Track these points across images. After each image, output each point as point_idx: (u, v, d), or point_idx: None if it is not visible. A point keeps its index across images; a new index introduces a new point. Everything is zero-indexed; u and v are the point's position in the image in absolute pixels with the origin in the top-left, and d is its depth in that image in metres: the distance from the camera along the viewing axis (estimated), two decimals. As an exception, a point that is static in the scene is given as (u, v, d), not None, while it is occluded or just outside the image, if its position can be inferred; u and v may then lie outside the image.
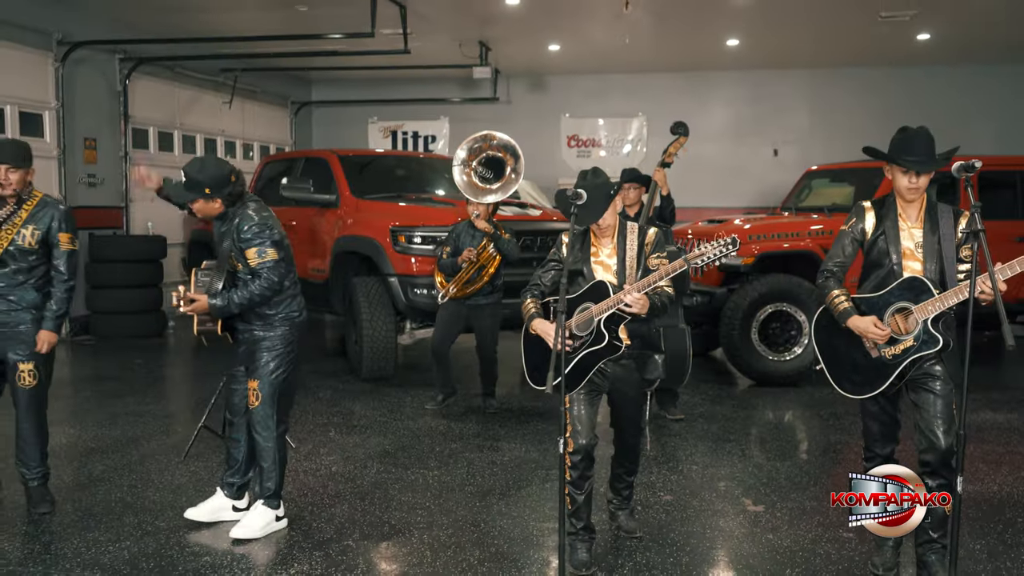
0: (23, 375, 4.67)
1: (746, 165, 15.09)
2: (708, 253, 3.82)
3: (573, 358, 4.06)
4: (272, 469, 4.51)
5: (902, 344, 3.77)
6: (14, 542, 4.40)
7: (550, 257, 4.28)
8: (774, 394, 7.73)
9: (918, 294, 3.74)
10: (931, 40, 12.60)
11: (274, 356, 4.46)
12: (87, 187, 11.08)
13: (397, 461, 5.77)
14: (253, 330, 4.49)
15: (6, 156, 4.58)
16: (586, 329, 4.04)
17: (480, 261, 6.92)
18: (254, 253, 4.31)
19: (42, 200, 4.72)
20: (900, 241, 3.86)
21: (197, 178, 4.31)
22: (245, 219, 4.36)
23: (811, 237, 8.40)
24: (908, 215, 3.88)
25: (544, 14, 11.35)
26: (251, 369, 4.49)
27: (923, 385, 3.78)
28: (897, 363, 3.78)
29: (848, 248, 4.02)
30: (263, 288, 4.32)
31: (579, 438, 4.06)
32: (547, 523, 4.64)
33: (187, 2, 10.57)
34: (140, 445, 6.14)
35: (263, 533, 4.47)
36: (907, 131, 3.87)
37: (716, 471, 5.61)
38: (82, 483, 5.30)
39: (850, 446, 6.18)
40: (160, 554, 4.23)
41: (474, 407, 7.22)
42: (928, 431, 3.72)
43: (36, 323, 4.68)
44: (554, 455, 5.93)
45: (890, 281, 3.84)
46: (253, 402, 4.46)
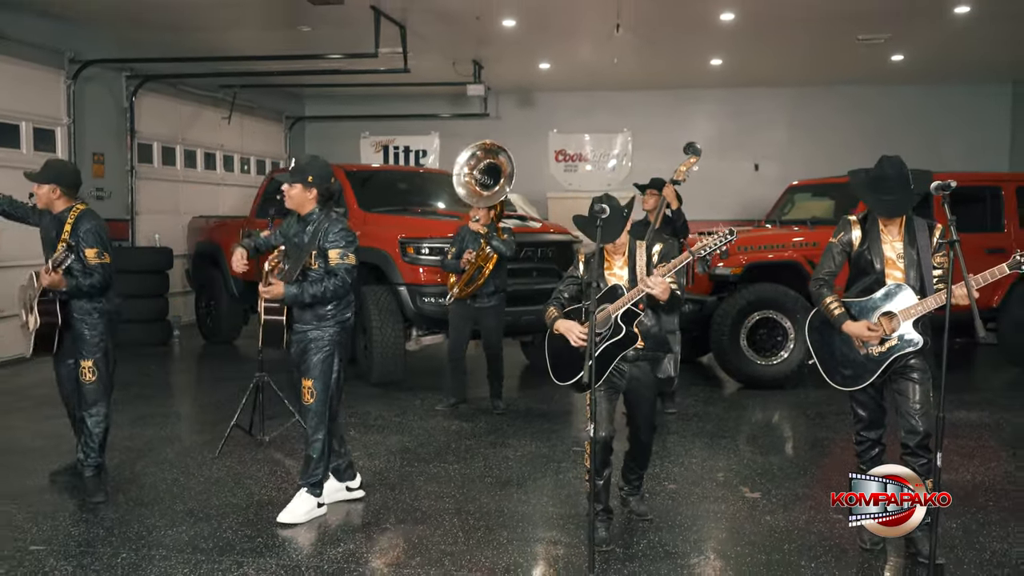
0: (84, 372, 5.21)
1: (728, 179, 15.63)
2: (710, 244, 4.31)
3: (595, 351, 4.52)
4: (320, 461, 4.93)
5: (888, 343, 4.28)
6: (79, 527, 4.79)
7: (569, 274, 4.74)
8: (762, 396, 8.21)
9: (903, 299, 4.25)
10: (904, 61, 13.23)
11: (326, 355, 4.88)
12: (95, 200, 11.42)
13: (418, 456, 6.20)
14: (308, 331, 4.89)
15: None
16: (605, 325, 4.50)
17: (477, 261, 7.38)
18: (337, 255, 4.78)
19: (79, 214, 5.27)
20: (883, 252, 4.37)
21: (305, 168, 4.83)
22: (335, 224, 4.84)
23: (795, 248, 8.88)
24: (889, 229, 4.40)
25: (538, 35, 11.85)
26: (304, 369, 4.90)
27: (904, 376, 4.30)
28: (883, 359, 4.30)
29: (837, 258, 4.54)
30: (337, 286, 4.77)
31: (598, 430, 4.51)
32: (564, 508, 5.09)
33: (193, 22, 10.97)
34: (173, 443, 6.53)
35: (306, 518, 4.89)
36: (883, 166, 4.35)
37: (714, 463, 6.09)
38: (128, 477, 5.69)
39: (835, 441, 6.69)
40: (216, 536, 4.64)
41: (482, 408, 7.65)
42: (909, 417, 4.24)
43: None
44: (563, 451, 6.41)
45: (876, 288, 4.35)
46: (308, 399, 4.88)
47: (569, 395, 8.40)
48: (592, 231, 4.36)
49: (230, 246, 10.75)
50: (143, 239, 12.27)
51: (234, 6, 10.23)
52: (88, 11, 10.40)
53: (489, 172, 7.70)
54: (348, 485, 5.24)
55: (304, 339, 4.92)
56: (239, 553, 4.43)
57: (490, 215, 7.47)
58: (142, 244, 12.17)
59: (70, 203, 5.28)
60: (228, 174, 14.76)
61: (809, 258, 8.76)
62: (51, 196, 5.26)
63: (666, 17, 10.76)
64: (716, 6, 10.32)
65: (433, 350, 10.17)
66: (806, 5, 10.10)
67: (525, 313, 8.59)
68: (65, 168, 5.41)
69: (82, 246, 5.11)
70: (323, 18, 10.48)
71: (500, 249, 7.34)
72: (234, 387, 8.47)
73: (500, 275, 7.52)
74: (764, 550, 4.48)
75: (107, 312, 5.33)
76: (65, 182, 5.27)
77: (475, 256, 7.34)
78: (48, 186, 5.25)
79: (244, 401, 6.42)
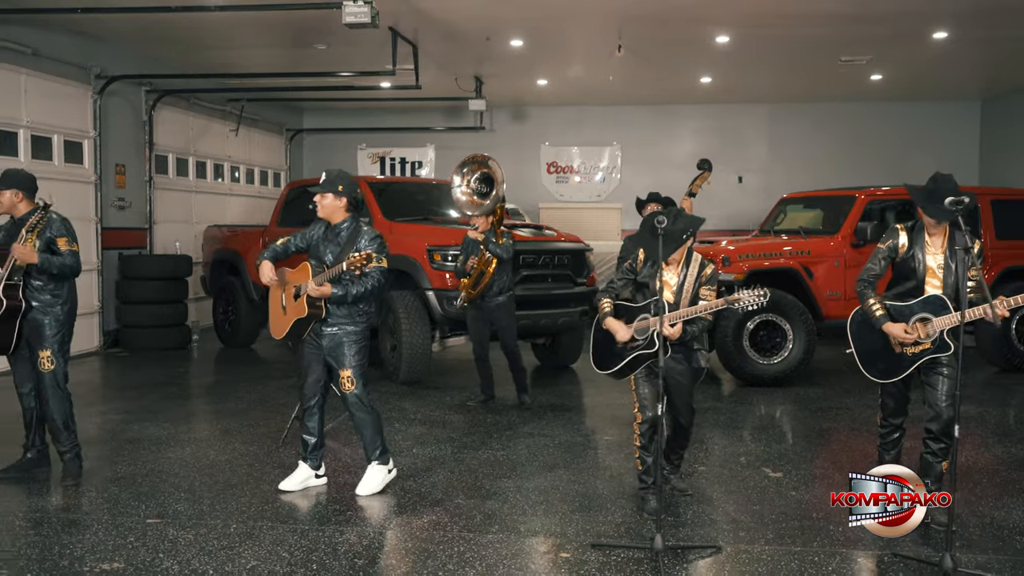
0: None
1: (712, 191, 16.05)
2: (745, 300, 4.89)
3: (629, 355, 5.17)
4: (375, 435, 5.58)
5: (921, 346, 4.89)
6: (181, 503, 5.33)
7: (626, 267, 5.34)
8: (764, 393, 8.87)
9: (937, 309, 4.85)
10: (882, 80, 14.05)
11: (360, 348, 5.50)
12: (117, 210, 11.90)
13: (465, 444, 6.78)
14: (342, 326, 5.46)
15: None
16: (643, 334, 5.11)
17: (480, 266, 7.98)
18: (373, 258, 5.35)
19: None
20: (926, 262, 4.94)
21: (335, 179, 5.45)
22: (368, 232, 5.46)
23: (791, 256, 9.56)
24: (933, 242, 4.96)
25: (541, 53, 12.50)
26: (340, 361, 5.47)
27: (934, 371, 4.92)
28: (915, 359, 4.93)
29: (883, 262, 5.12)
30: (373, 287, 5.38)
31: (646, 411, 5.14)
32: (612, 486, 5.71)
33: (212, 40, 11.50)
34: (233, 436, 7.06)
35: (381, 487, 5.54)
36: (936, 181, 4.90)
37: (735, 449, 6.74)
38: (207, 464, 6.22)
39: (839, 431, 7.37)
40: (311, 509, 5.21)
41: (510, 404, 8.23)
42: (935, 405, 4.89)
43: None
44: (596, 440, 7.03)
45: (916, 294, 4.94)
46: (349, 387, 5.48)
47: (589, 392, 9.04)
48: (652, 244, 4.97)
49: (249, 253, 11.39)
50: (160, 247, 12.72)
51: (255, 25, 10.76)
52: (114, 29, 10.90)
53: (484, 181, 8.30)
54: (316, 473, 5.77)
55: (338, 334, 5.46)
56: (336, 523, 4.99)
57: (489, 222, 8.03)
58: (159, 252, 12.62)
59: (32, 206, 5.70)
60: (235, 184, 15.26)
61: (805, 265, 9.48)
62: (14, 200, 5.65)
63: (665, 38, 11.46)
64: (713, 28, 11.02)
65: (452, 352, 10.76)
66: (796, 28, 10.83)
67: (542, 317, 9.23)
68: (23, 174, 5.79)
69: (54, 235, 5.59)
70: (339, 38, 11.04)
71: (497, 253, 7.93)
72: (271, 386, 9.03)
73: (503, 276, 8.07)
74: (796, 517, 5.12)
75: (68, 302, 5.74)
76: (26, 186, 5.69)
77: (477, 261, 7.94)
78: (10, 191, 5.65)
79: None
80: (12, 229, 5.73)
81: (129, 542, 4.69)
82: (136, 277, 11.61)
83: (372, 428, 5.57)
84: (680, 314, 5.00)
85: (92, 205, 11.33)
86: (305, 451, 5.68)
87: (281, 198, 11.64)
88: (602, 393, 8.83)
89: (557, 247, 9.56)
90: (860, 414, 7.87)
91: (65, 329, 5.77)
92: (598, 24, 10.82)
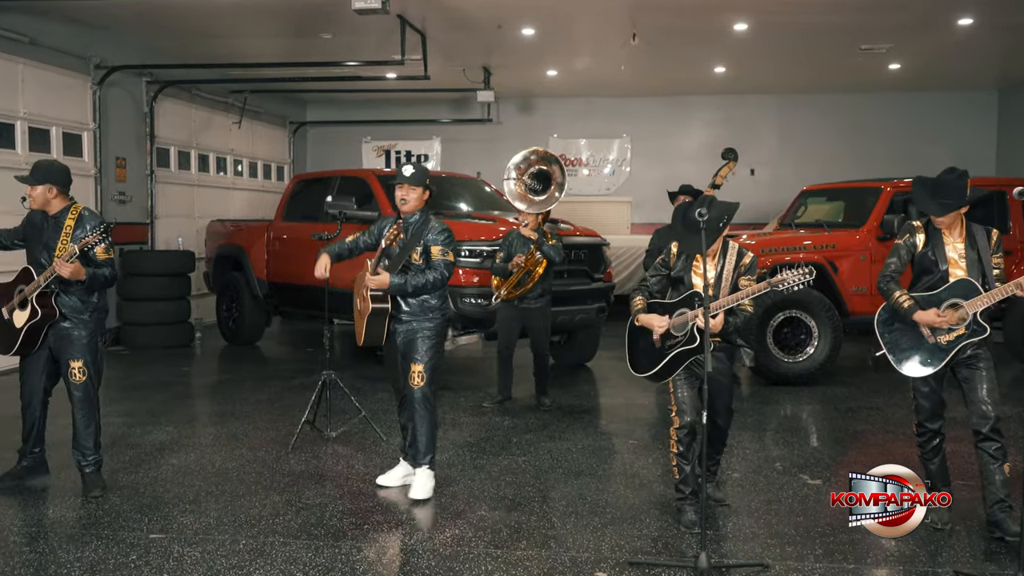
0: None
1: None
2: (790, 279, 4.59)
3: (669, 353, 4.84)
4: (433, 438, 5.36)
5: (955, 332, 4.62)
6: (187, 516, 5.00)
7: (659, 262, 5.03)
8: (790, 392, 8.54)
9: (967, 292, 4.60)
10: (900, 69, 13.69)
11: (433, 344, 5.31)
12: (118, 204, 11.56)
13: (483, 450, 6.45)
14: (415, 321, 5.31)
15: None
16: (682, 330, 4.80)
17: (527, 266, 7.65)
18: (439, 251, 5.22)
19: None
20: (946, 253, 4.74)
21: (424, 173, 5.34)
22: (438, 224, 5.32)
23: (815, 251, 9.24)
24: (951, 233, 4.76)
25: (552, 43, 12.16)
26: (412, 355, 5.29)
27: (971, 366, 4.67)
28: (950, 348, 4.65)
29: (904, 257, 4.89)
30: (436, 279, 5.21)
31: (685, 416, 4.83)
32: (642, 495, 5.39)
33: (213, 29, 11.14)
34: (241, 440, 6.73)
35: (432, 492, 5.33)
36: (940, 176, 4.74)
37: (768, 453, 6.41)
38: (214, 471, 5.89)
39: (874, 433, 7.05)
40: (324, 523, 4.87)
41: (528, 406, 7.91)
42: (979, 404, 4.61)
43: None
44: (620, 443, 6.72)
45: (940, 284, 4.70)
46: (418, 383, 5.28)
47: (607, 391, 8.72)
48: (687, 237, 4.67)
49: (253, 249, 11.06)
50: (161, 243, 12.40)
51: (258, 13, 10.43)
52: (114, 17, 10.54)
53: (539, 178, 7.98)
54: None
55: (411, 329, 5.31)
56: (353, 539, 4.67)
57: (538, 220, 7.74)
58: (160, 247, 12.30)
59: (66, 202, 5.32)
60: (238, 178, 14.92)
61: (830, 259, 9.16)
62: (47, 196, 5.25)
63: (681, 27, 11.09)
64: (731, 15, 10.67)
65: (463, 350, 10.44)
66: (817, 15, 10.48)
67: (559, 313, 8.88)
68: (57, 167, 5.38)
69: (92, 243, 5.11)
70: (345, 26, 10.72)
71: (550, 255, 7.62)
72: (277, 387, 8.71)
73: (547, 278, 7.79)
74: (844, 530, 4.78)
75: (99, 310, 5.42)
76: (60, 180, 5.28)
77: (524, 260, 7.61)
78: (43, 186, 5.24)
79: (313, 398, 6.64)
80: (44, 225, 5.31)
81: (131, 560, 4.37)
82: (137, 273, 11.28)
83: (432, 429, 5.38)
84: (720, 303, 4.70)
85: (92, 199, 10.98)
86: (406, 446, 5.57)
87: (287, 191, 11.31)
88: (621, 393, 8.51)
89: (573, 241, 9.20)
90: (892, 414, 7.56)
91: (96, 336, 5.42)
92: (611, 12, 10.47)
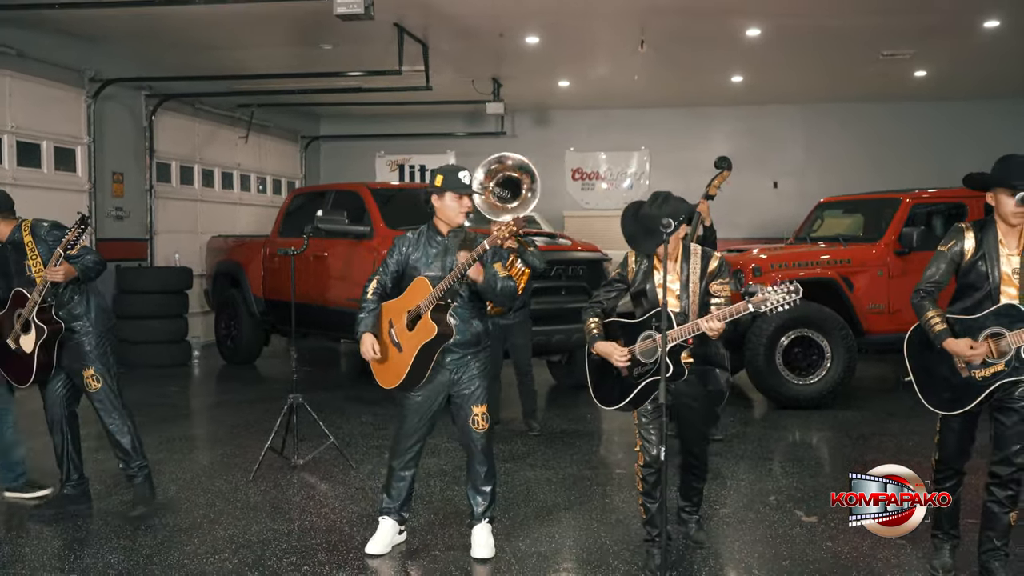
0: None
1: (746, 197, 15.46)
2: (773, 300, 3.99)
3: (639, 383, 4.31)
4: (496, 491, 4.70)
5: (993, 367, 3.89)
6: (116, 554, 4.63)
7: (614, 277, 4.55)
8: (799, 416, 8.03)
9: (1013, 321, 3.86)
10: (926, 77, 13.12)
11: (487, 381, 4.63)
12: (114, 220, 11.33)
13: (456, 480, 6.01)
14: (468, 354, 4.58)
15: None
16: (650, 357, 4.26)
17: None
18: (499, 266, 4.61)
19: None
20: (999, 266, 3.97)
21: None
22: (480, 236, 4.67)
23: (829, 266, 8.72)
24: (1008, 242, 3.99)
25: (559, 52, 11.77)
26: (472, 396, 4.57)
27: (1008, 405, 3.94)
28: (986, 385, 3.91)
29: (944, 269, 4.11)
30: (513, 285, 4.65)
31: (649, 452, 4.34)
32: (616, 533, 4.92)
33: (212, 40, 10.90)
34: (204, 467, 6.37)
35: None
36: (1013, 157, 4.02)
37: (763, 486, 5.92)
38: (162, 503, 5.51)
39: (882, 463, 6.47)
40: (261, 564, 4.47)
41: (516, 430, 7.48)
42: (1007, 446, 3.94)
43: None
44: (605, 474, 6.26)
45: (986, 305, 3.96)
46: (483, 426, 4.58)
47: (604, 415, 8.25)
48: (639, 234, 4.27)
49: (251, 265, 10.74)
50: (161, 259, 12.15)
51: (256, 24, 10.16)
52: (108, 28, 10.33)
53: (507, 185, 7.53)
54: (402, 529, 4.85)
55: (466, 363, 4.58)
56: (287, 582, 4.27)
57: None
58: (160, 264, 12.04)
59: (14, 222, 5.31)
60: (245, 193, 14.68)
61: (844, 275, 8.64)
62: None
63: (691, 32, 10.66)
64: (743, 20, 10.24)
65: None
66: (833, 18, 10.00)
67: (556, 332, 8.47)
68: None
69: (58, 239, 5.06)
70: (345, 36, 10.42)
71: (534, 263, 7.18)
72: (260, 409, 8.34)
73: (526, 290, 7.36)
74: (831, 573, 4.31)
75: (100, 310, 5.36)
76: (3, 206, 5.29)
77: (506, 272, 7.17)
78: None
79: (278, 423, 6.27)
80: (5, 253, 5.31)
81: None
82: (133, 291, 11.01)
83: (495, 480, 4.68)
84: (686, 329, 4.17)
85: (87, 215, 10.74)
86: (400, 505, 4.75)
87: (284, 206, 11.00)
88: (620, 416, 7.99)
89: (571, 256, 8.79)
90: (906, 442, 7.02)
91: (104, 341, 5.34)
92: (619, 18, 10.08)
